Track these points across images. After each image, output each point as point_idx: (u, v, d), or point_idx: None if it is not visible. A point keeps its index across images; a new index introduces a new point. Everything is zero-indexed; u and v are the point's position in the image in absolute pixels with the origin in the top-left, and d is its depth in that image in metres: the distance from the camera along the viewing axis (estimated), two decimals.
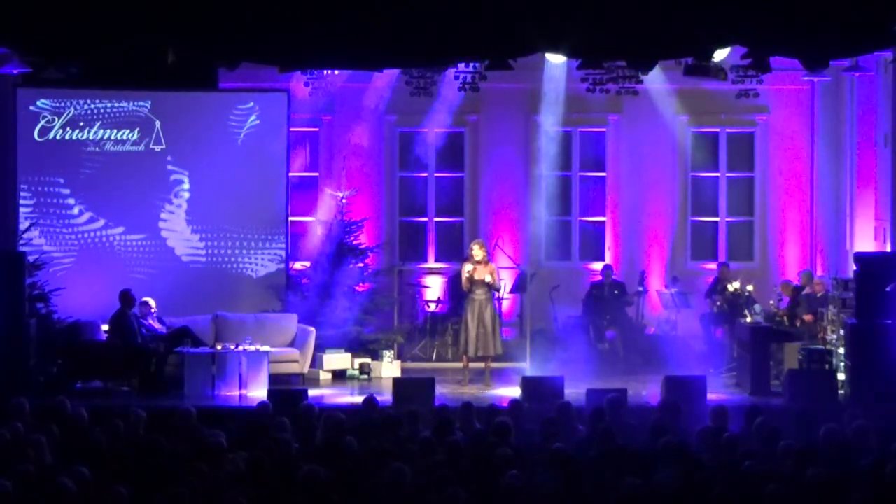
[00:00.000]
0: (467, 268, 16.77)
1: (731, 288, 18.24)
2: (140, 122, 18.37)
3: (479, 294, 16.79)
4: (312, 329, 17.58)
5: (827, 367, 15.92)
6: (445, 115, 19.62)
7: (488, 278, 16.76)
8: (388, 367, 17.73)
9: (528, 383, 15.37)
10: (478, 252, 16.83)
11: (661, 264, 20.43)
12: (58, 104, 18.19)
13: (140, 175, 18.36)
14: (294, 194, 19.42)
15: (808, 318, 17.13)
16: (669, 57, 16.13)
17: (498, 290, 17.54)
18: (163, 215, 18.42)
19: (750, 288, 18.10)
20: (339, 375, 17.63)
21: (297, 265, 19.12)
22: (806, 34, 14.40)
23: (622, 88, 17.21)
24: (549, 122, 19.76)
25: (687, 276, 20.12)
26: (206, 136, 18.50)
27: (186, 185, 18.49)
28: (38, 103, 18.15)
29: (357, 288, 18.80)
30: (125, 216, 18.34)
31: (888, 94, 17.99)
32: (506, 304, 19.38)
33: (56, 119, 18.18)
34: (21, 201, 18.05)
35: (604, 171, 20.63)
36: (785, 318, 17.40)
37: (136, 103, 18.33)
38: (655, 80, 17.89)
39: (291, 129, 18.90)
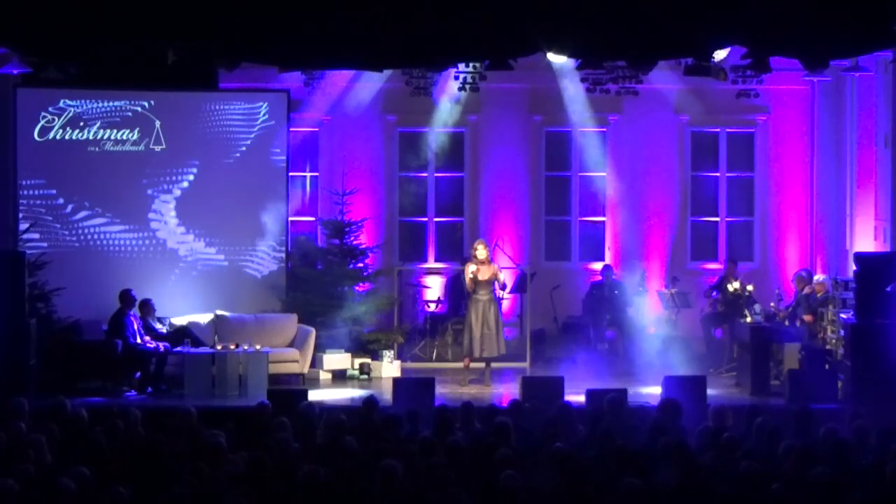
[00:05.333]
0: (471, 268, 16.75)
1: (731, 288, 18.24)
2: (140, 122, 18.36)
3: (483, 295, 16.79)
4: (312, 329, 17.58)
5: (827, 367, 15.92)
6: (442, 116, 19.63)
7: (497, 277, 16.79)
8: (388, 367, 17.74)
9: (528, 383, 15.37)
10: (481, 252, 16.83)
11: (661, 264, 20.43)
12: (63, 104, 18.19)
13: (140, 175, 18.36)
14: (294, 194, 19.44)
15: (807, 318, 17.12)
16: (669, 57, 16.14)
17: (504, 288, 17.55)
18: (163, 216, 18.42)
19: (750, 288, 18.11)
20: (339, 375, 17.64)
21: (298, 265, 19.11)
22: (806, 34, 14.39)
23: (622, 88, 17.22)
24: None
25: (687, 276, 20.13)
26: (206, 136, 18.50)
27: (186, 185, 18.49)
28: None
29: (357, 288, 18.82)
30: (125, 216, 18.34)
31: (888, 94, 18.01)
32: (506, 304, 19.37)
33: (56, 119, 18.18)
34: (21, 201, 18.06)
35: (604, 171, 20.63)
36: (786, 319, 17.40)
37: (136, 103, 18.33)
38: (655, 80, 17.88)
39: (291, 129, 18.90)
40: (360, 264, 19.05)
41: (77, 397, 14.83)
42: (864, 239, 18.97)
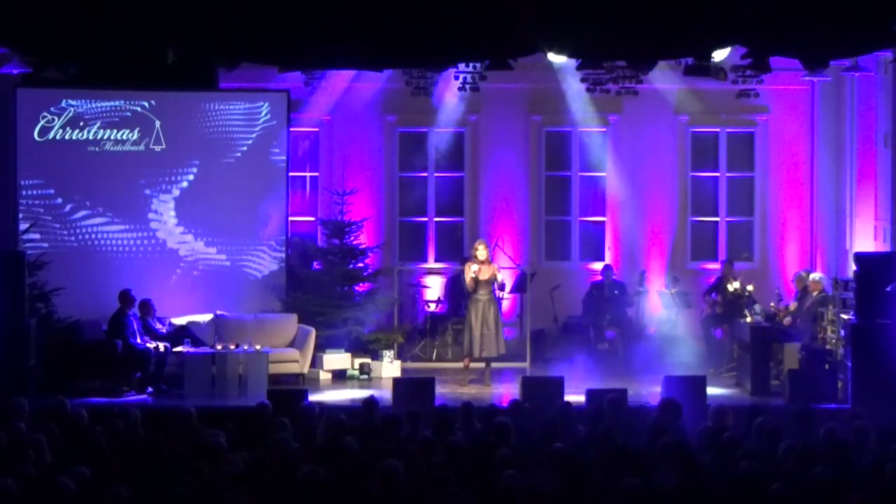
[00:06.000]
0: (473, 268, 16.72)
1: (731, 288, 18.23)
2: (140, 122, 18.36)
3: (483, 295, 16.79)
4: (312, 329, 17.57)
5: (827, 367, 15.92)
6: (446, 115, 19.65)
7: (496, 276, 16.80)
8: (388, 367, 17.73)
9: (528, 383, 15.36)
10: (482, 252, 16.82)
11: (661, 264, 20.43)
12: (65, 104, 18.19)
13: (140, 175, 18.36)
14: (294, 194, 19.45)
15: (786, 321, 17.05)
16: (669, 57, 16.14)
17: (503, 289, 17.55)
18: (163, 216, 18.43)
19: (750, 288, 18.10)
20: (339, 375, 17.64)
21: (297, 265, 19.12)
22: (806, 34, 14.40)
23: (622, 88, 17.22)
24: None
25: (687, 276, 20.12)
26: (206, 136, 18.50)
27: (186, 185, 18.49)
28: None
29: (357, 288, 18.82)
30: (125, 216, 18.34)
31: (888, 94, 18.00)
32: (506, 304, 19.37)
33: (56, 119, 18.18)
34: (21, 201, 18.06)
35: (604, 171, 20.63)
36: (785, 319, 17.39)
37: (136, 103, 18.33)
38: (655, 80, 17.88)
39: (291, 129, 18.91)
40: (360, 264, 19.06)
41: (77, 397, 14.83)
42: (864, 239, 18.96)
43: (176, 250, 18.46)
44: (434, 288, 20.13)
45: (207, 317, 17.65)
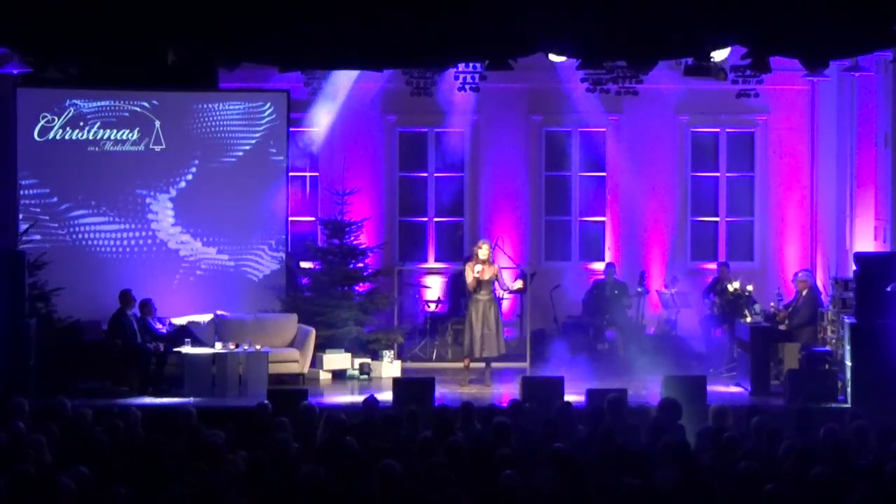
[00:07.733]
0: (477, 268, 16.69)
1: (731, 288, 18.22)
2: (140, 122, 18.36)
3: (484, 295, 16.77)
4: (312, 329, 17.57)
5: (827, 367, 15.93)
6: (446, 115, 19.66)
7: (496, 277, 16.79)
8: (388, 367, 17.73)
9: (528, 383, 15.36)
10: (485, 251, 16.79)
11: (661, 264, 20.43)
12: (68, 104, 18.18)
13: (140, 175, 18.36)
14: (294, 194, 19.45)
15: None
16: (669, 57, 16.13)
17: (504, 288, 17.55)
18: (163, 216, 18.42)
19: (750, 288, 18.09)
20: (339, 375, 17.64)
21: (298, 264, 19.12)
22: (806, 34, 14.40)
23: (622, 88, 17.21)
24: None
25: (687, 276, 20.13)
26: (206, 136, 18.51)
27: (186, 186, 18.49)
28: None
29: (357, 288, 18.82)
30: (125, 216, 18.35)
31: (888, 94, 18.00)
32: (506, 304, 19.37)
33: (56, 119, 18.18)
34: (21, 201, 18.05)
35: (604, 171, 20.63)
36: (785, 320, 17.37)
37: (135, 103, 18.33)
38: (655, 80, 17.88)
39: (291, 129, 18.90)
40: (360, 264, 19.05)
41: (77, 397, 14.81)
42: (864, 239, 18.95)
43: (176, 250, 18.46)
44: (434, 288, 20.13)
45: (207, 317, 17.65)
